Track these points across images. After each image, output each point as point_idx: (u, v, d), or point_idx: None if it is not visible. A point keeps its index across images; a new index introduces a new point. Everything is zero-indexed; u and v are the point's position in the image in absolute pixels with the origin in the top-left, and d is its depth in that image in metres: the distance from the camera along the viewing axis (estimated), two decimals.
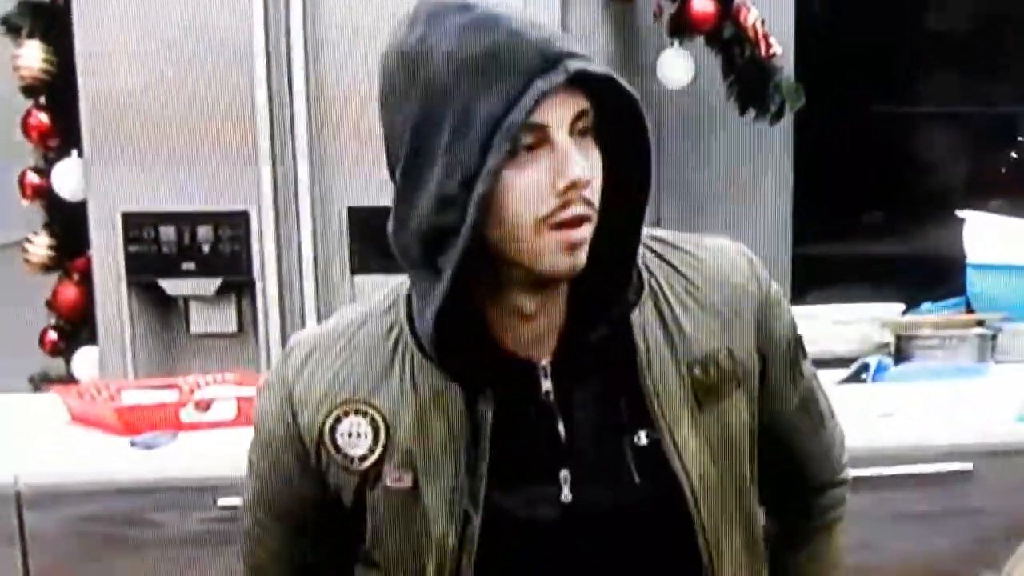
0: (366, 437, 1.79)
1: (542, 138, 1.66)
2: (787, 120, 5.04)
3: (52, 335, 4.72)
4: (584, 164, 1.67)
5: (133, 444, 3.11)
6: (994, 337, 3.83)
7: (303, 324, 4.07)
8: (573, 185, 1.66)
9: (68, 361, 4.66)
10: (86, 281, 4.44)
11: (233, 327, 4.21)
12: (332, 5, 4.03)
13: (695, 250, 1.88)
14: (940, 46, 6.00)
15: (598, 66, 1.68)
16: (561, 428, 1.80)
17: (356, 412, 1.80)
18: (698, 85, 4.85)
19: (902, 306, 4.07)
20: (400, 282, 1.83)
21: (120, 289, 4.16)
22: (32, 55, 4.51)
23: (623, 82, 1.70)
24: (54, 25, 4.44)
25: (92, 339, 4.40)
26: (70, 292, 4.64)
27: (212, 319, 4.21)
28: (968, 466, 3.11)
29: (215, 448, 3.05)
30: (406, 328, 1.79)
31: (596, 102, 1.70)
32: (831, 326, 3.87)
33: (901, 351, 3.81)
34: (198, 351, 4.19)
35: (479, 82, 1.63)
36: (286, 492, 1.88)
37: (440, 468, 1.78)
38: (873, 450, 3.02)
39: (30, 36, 4.53)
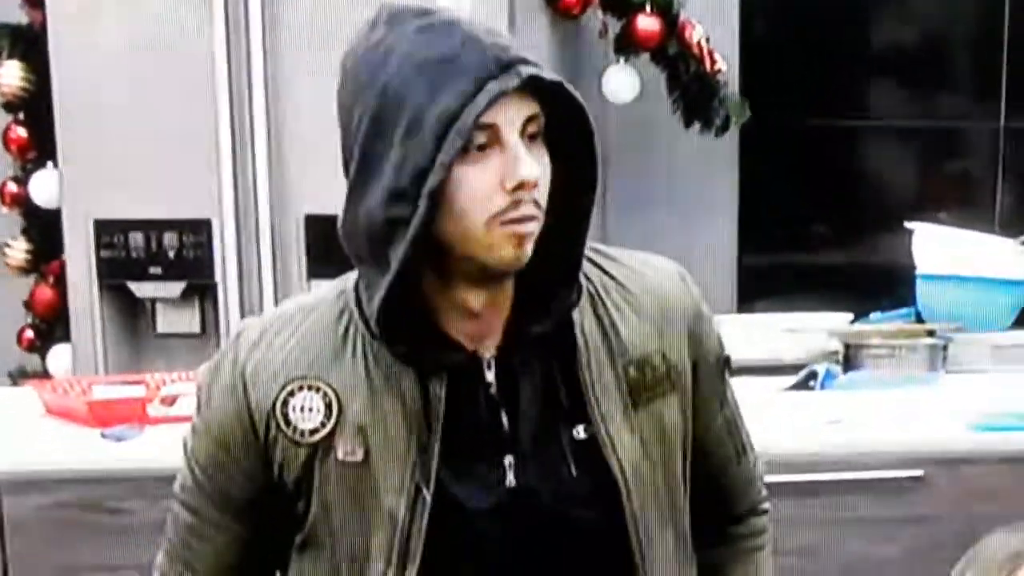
0: (318, 411, 1.79)
1: (493, 138, 1.70)
2: (732, 134, 5.06)
3: (29, 333, 4.83)
4: (534, 165, 1.71)
5: (103, 436, 3.17)
6: (945, 347, 3.86)
7: None
8: (522, 185, 1.70)
9: (43, 358, 4.76)
10: (60, 283, 4.52)
11: (197, 328, 4.25)
12: (290, 20, 4.09)
13: (631, 263, 1.93)
14: (884, 60, 5.93)
15: (549, 73, 1.72)
16: (504, 418, 1.82)
17: (309, 388, 1.80)
18: (644, 100, 4.86)
19: (851, 315, 4.12)
20: (346, 275, 1.87)
21: (92, 291, 4.22)
22: (11, 74, 4.64)
23: (572, 89, 1.74)
24: (32, 46, 4.55)
25: (66, 337, 4.46)
26: (46, 293, 4.75)
27: (177, 320, 4.25)
28: (919, 472, 3.11)
29: (180, 441, 2.95)
30: (355, 314, 1.81)
31: (546, 109, 1.74)
32: (780, 334, 3.94)
33: (850, 360, 3.83)
34: (164, 350, 4.23)
35: (434, 83, 1.67)
36: (227, 471, 1.86)
37: (392, 443, 1.79)
38: (821, 456, 3.09)
39: (10, 57, 4.65)
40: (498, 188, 1.71)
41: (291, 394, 1.81)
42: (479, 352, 1.83)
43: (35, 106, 4.60)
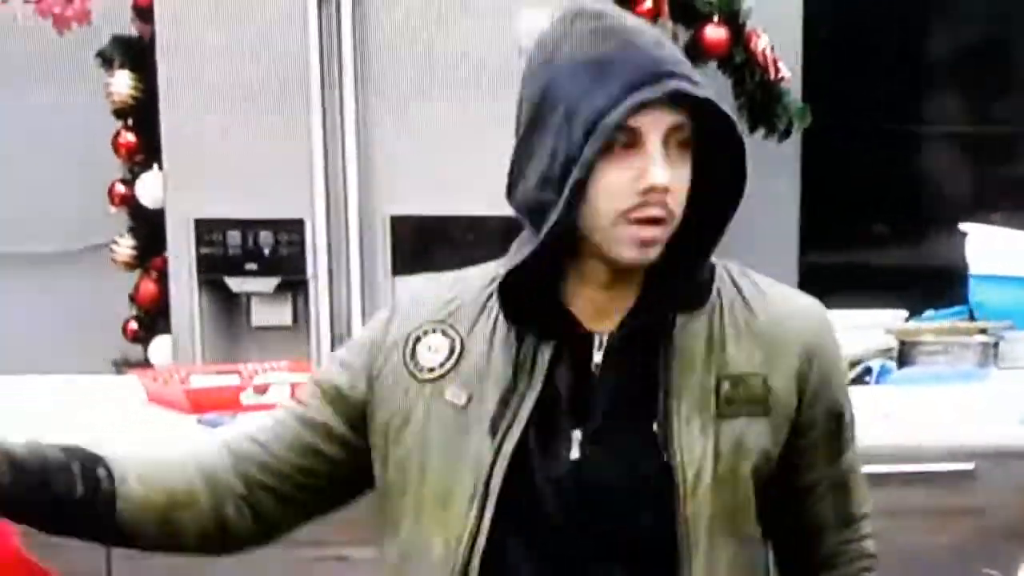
0: (441, 352, 1.85)
1: (636, 141, 1.74)
2: (795, 138, 5.03)
3: (133, 325, 4.86)
4: (667, 173, 1.73)
5: (200, 422, 3.15)
6: (996, 344, 3.77)
7: (350, 319, 4.18)
8: (652, 188, 1.73)
9: (146, 348, 4.79)
10: (163, 278, 4.57)
11: (288, 321, 4.30)
12: (381, 24, 4.13)
13: (771, 292, 1.90)
14: (941, 66, 5.91)
15: (700, 89, 1.75)
16: (587, 395, 1.83)
17: (441, 332, 1.86)
18: None
19: (906, 313, 4.03)
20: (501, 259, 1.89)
21: (192, 286, 4.28)
22: (122, 83, 4.70)
23: (719, 103, 1.77)
24: (141, 57, 4.62)
25: (167, 329, 4.51)
26: (149, 288, 4.78)
27: (270, 313, 4.30)
28: (970, 466, 3.05)
29: None
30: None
31: (697, 120, 1.76)
32: (837, 331, 3.83)
33: (905, 356, 3.75)
34: (258, 342, 4.28)
35: (589, 83, 1.72)
36: (351, 370, 1.90)
37: (491, 394, 1.82)
38: (875, 448, 2.77)
39: (120, 67, 4.71)
40: (630, 187, 1.75)
41: (425, 333, 1.87)
42: (594, 331, 1.85)
43: (142, 113, 4.65)
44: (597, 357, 1.84)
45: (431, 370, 1.86)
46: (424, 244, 4.11)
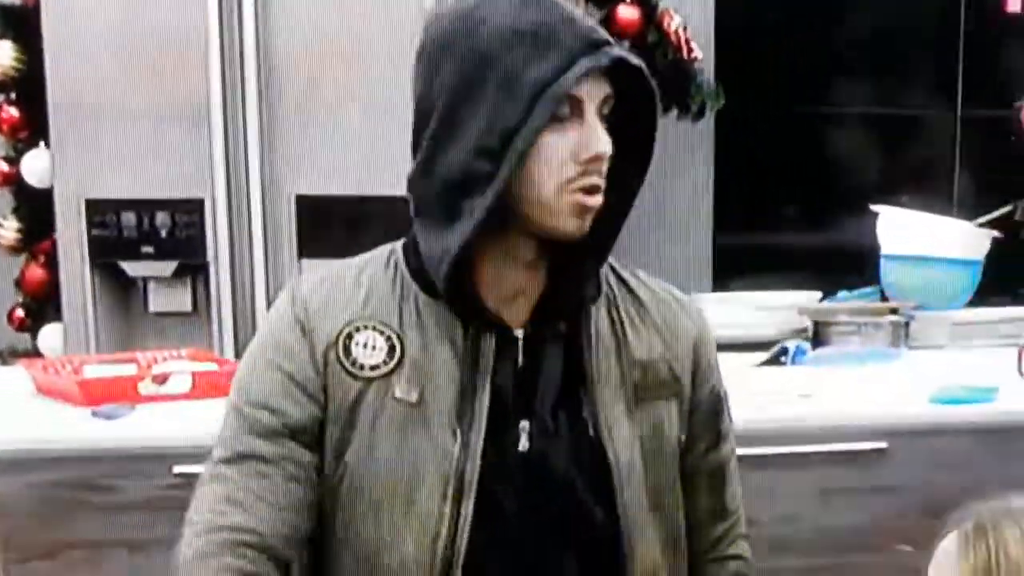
0: (381, 350, 1.83)
1: (575, 111, 1.75)
2: (708, 119, 5.09)
3: (19, 312, 4.68)
4: (608, 141, 1.76)
5: (94, 414, 3.08)
6: (907, 324, 3.89)
7: (254, 304, 4.08)
8: (597, 158, 1.75)
9: (34, 337, 4.62)
10: (52, 263, 4.39)
11: (188, 307, 4.18)
12: (282, 4, 4.02)
13: (649, 282, 1.98)
14: (851, 50, 6.02)
15: (633, 57, 1.78)
16: (523, 383, 1.86)
17: (373, 328, 1.83)
18: None
19: (819, 294, 4.14)
20: (391, 243, 1.90)
21: (84, 270, 4.13)
22: (3, 54, 4.48)
23: (649, 77, 1.79)
24: (24, 26, 4.42)
25: (57, 317, 4.36)
26: (37, 273, 4.60)
27: (169, 299, 4.17)
28: (883, 444, 3.11)
29: (171, 419, 3.05)
30: (406, 273, 1.85)
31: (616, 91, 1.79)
32: (753, 312, 3.95)
33: (819, 336, 3.85)
34: (156, 329, 4.17)
35: (530, 52, 1.71)
36: (293, 395, 1.84)
37: (444, 386, 1.82)
38: (792, 428, 3.08)
39: (2, 37, 4.51)
40: (571, 158, 1.75)
41: (356, 330, 1.84)
42: (508, 324, 1.86)
43: (27, 86, 4.46)
44: (517, 348, 1.86)
45: (373, 367, 1.83)
46: (331, 224, 4.03)
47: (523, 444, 1.84)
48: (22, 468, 2.94)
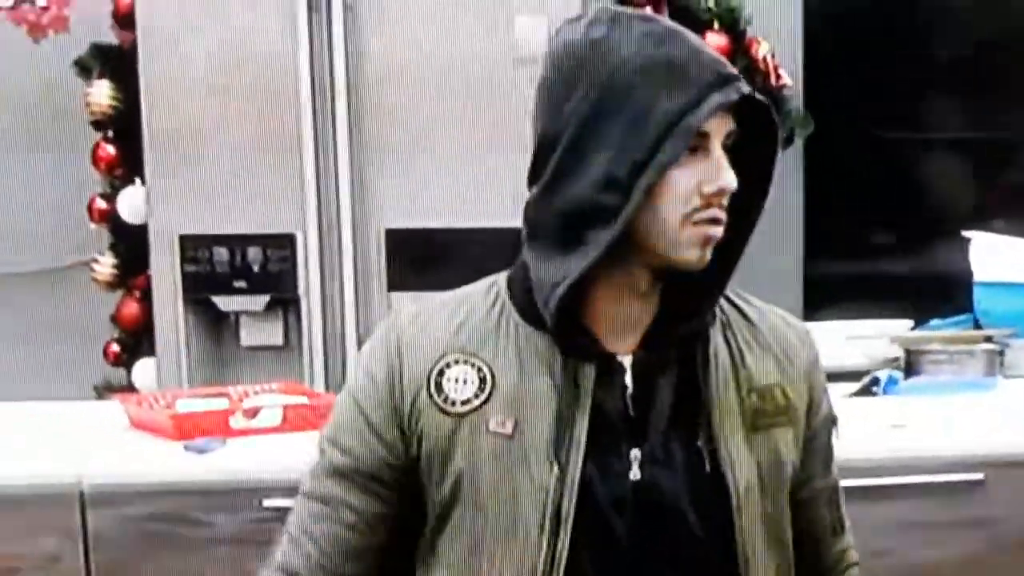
0: (472, 383, 1.80)
1: (702, 145, 1.74)
2: (797, 146, 5.03)
3: (115, 347, 4.71)
4: (733, 176, 1.74)
5: (186, 448, 3.08)
6: (1002, 352, 3.80)
7: (344, 337, 4.09)
8: (721, 191, 1.74)
9: (129, 371, 4.64)
10: (146, 298, 4.44)
11: (280, 340, 4.20)
12: (375, 40, 4.04)
13: (759, 304, 1.95)
14: (943, 74, 5.90)
15: (759, 96, 1.78)
16: (635, 414, 1.82)
17: (464, 362, 1.81)
18: None
19: (911, 322, 4.06)
20: (494, 275, 1.88)
21: (177, 305, 4.16)
22: (101, 93, 4.55)
23: (774, 113, 1.79)
24: (121, 66, 4.48)
25: (151, 351, 4.39)
26: (132, 308, 4.63)
27: (260, 333, 4.20)
28: (979, 476, 3.05)
29: (262, 453, 3.05)
30: (508, 303, 1.83)
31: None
32: (843, 341, 3.84)
33: (911, 365, 3.78)
34: (247, 362, 4.19)
35: (662, 85, 1.71)
36: (368, 444, 1.84)
37: (540, 418, 1.79)
38: (884, 460, 3.04)
39: (100, 76, 4.57)
40: (696, 191, 1.74)
41: (447, 366, 1.81)
42: (617, 353, 1.83)
43: (123, 124, 4.52)
44: (627, 377, 1.83)
45: (464, 403, 1.81)
46: (420, 258, 4.04)
47: (634, 473, 1.81)
48: (115, 502, 2.94)
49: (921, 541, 3.06)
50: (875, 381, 3.65)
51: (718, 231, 1.76)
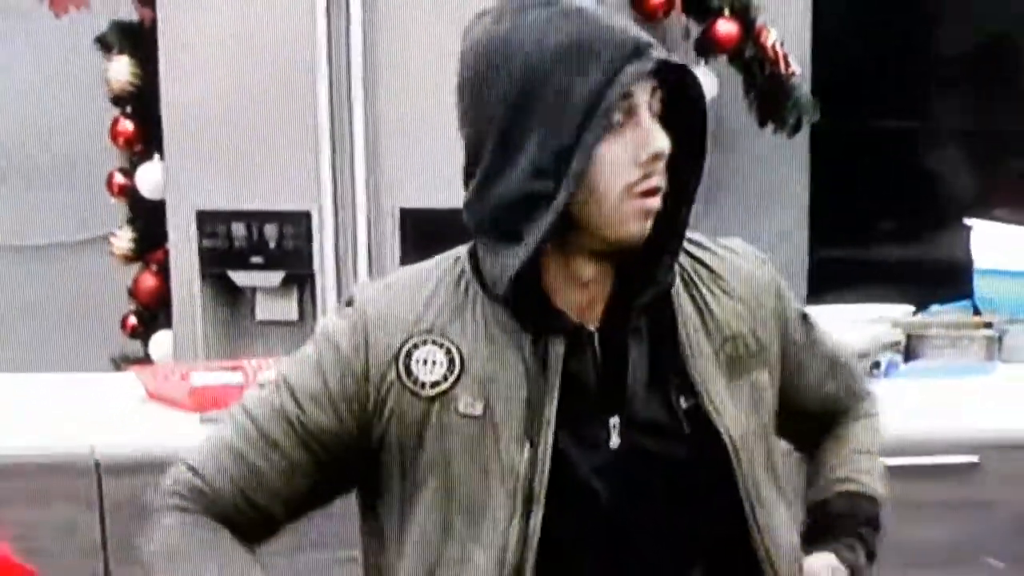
0: (440, 365, 1.76)
1: (629, 115, 1.71)
2: (804, 133, 5.00)
3: (132, 320, 4.71)
4: (666, 139, 1.72)
5: (202, 420, 3.04)
6: (1000, 338, 3.76)
7: None
8: (656, 157, 1.72)
9: (146, 344, 4.64)
10: (164, 272, 4.43)
11: (294, 315, 4.16)
12: (390, 15, 4.01)
13: (717, 249, 1.92)
14: (948, 65, 5.89)
15: (674, 58, 1.75)
16: (609, 383, 1.80)
17: (432, 343, 1.77)
18: (721, 100, 4.76)
19: (912, 308, 4.00)
20: (457, 247, 1.85)
21: (194, 279, 4.14)
22: (121, 69, 4.54)
23: (693, 72, 1.77)
24: (141, 43, 4.46)
25: (168, 324, 4.38)
26: (149, 281, 4.64)
27: (276, 308, 4.16)
28: (975, 458, 3.03)
29: None
30: (473, 279, 1.79)
31: (663, 90, 1.76)
32: (846, 325, 3.71)
33: (911, 350, 3.74)
34: (262, 337, 4.15)
35: (574, 66, 1.68)
36: (322, 408, 1.78)
37: (511, 398, 1.76)
38: (885, 442, 2.98)
39: (120, 52, 4.56)
40: (631, 162, 1.72)
41: (415, 347, 1.77)
42: (584, 324, 1.81)
43: (142, 100, 4.51)
44: (595, 345, 1.81)
45: (434, 384, 1.77)
46: (434, 237, 3.90)
47: (614, 441, 1.79)
48: (131, 472, 2.87)
49: (918, 521, 2.99)
50: (876, 365, 3.60)
51: (656, 202, 1.74)
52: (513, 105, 1.70)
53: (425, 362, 1.76)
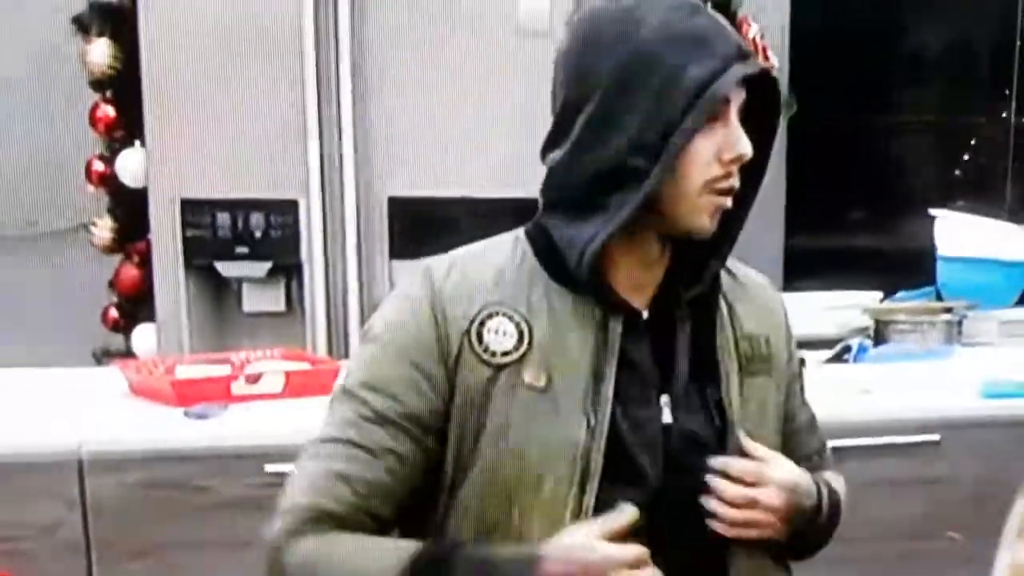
0: (511, 336, 1.78)
1: (723, 114, 1.74)
2: (780, 126, 4.93)
3: (113, 313, 4.47)
4: (749, 144, 1.75)
5: (186, 414, 2.95)
6: (960, 323, 3.88)
7: (346, 304, 3.95)
8: (739, 158, 1.75)
9: (128, 337, 4.42)
10: (146, 263, 4.21)
11: (282, 307, 4.04)
12: (378, 6, 3.87)
13: (740, 265, 1.97)
14: (914, 61, 6.05)
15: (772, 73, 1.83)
16: (659, 363, 1.83)
17: (503, 314, 1.79)
18: None
19: (880, 294, 4.10)
20: (514, 230, 1.87)
21: (178, 271, 3.98)
22: (100, 52, 4.27)
23: (781, 87, 1.84)
24: (121, 24, 4.22)
25: (150, 317, 4.18)
26: (131, 273, 4.38)
27: (262, 299, 4.03)
28: (936, 437, 3.09)
29: (263, 418, 2.94)
30: (534, 259, 1.82)
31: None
32: (819, 311, 3.87)
33: (879, 334, 3.84)
34: (249, 329, 4.03)
35: (689, 54, 1.71)
36: (418, 387, 1.77)
37: (572, 372, 1.78)
38: (852, 423, 3.04)
39: (99, 35, 4.30)
40: (715, 159, 1.75)
41: (489, 316, 1.79)
42: (637, 306, 1.85)
43: (123, 85, 4.26)
44: (645, 327, 1.85)
45: (504, 354, 1.78)
46: (422, 227, 3.90)
47: (666, 417, 1.82)
48: (115, 468, 2.80)
49: (883, 497, 3.07)
50: (847, 349, 3.71)
51: (728, 201, 1.78)
52: (620, 79, 1.72)
53: (496, 332, 1.78)
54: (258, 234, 3.94)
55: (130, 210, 4.30)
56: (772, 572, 1.93)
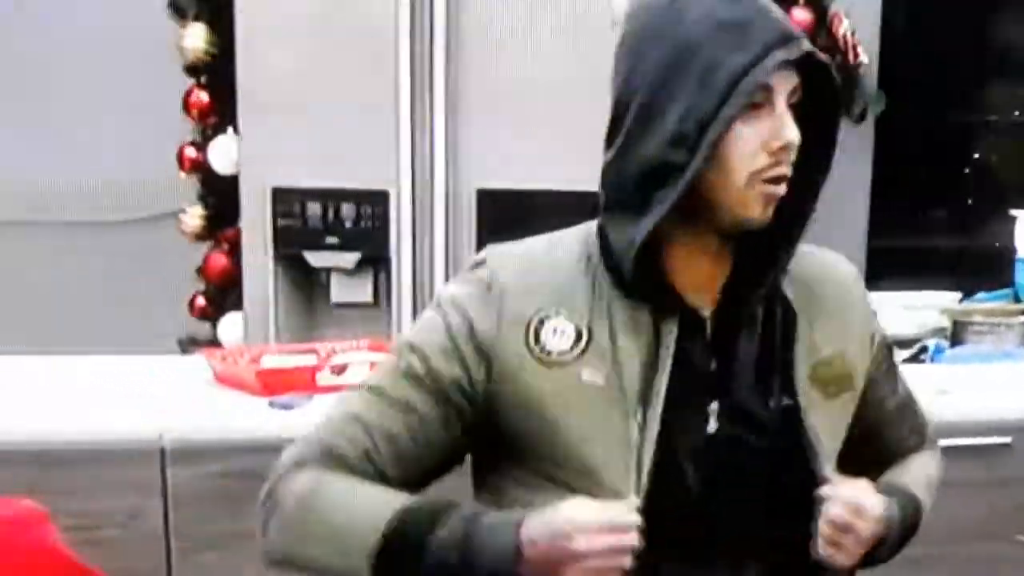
0: (568, 336, 1.74)
1: (767, 101, 1.68)
2: (868, 123, 4.99)
3: (201, 301, 4.44)
4: (796, 130, 1.69)
5: (271, 405, 2.87)
6: None
7: (432, 297, 3.82)
8: (785, 147, 1.68)
9: (214, 325, 4.38)
10: (235, 251, 4.15)
11: (369, 298, 3.96)
12: (474, 1, 3.82)
13: (818, 256, 1.90)
14: (1010, 59, 5.88)
15: (820, 54, 1.72)
16: (715, 367, 1.77)
17: (562, 315, 1.75)
18: None
19: (959, 295, 4.08)
20: (588, 223, 1.82)
21: (267, 260, 3.91)
22: (196, 36, 4.24)
23: (834, 71, 1.73)
24: (217, 10, 4.15)
25: (238, 306, 4.11)
26: (220, 261, 4.35)
27: (350, 290, 3.96)
28: (1007, 440, 3.04)
29: None
30: (597, 258, 1.78)
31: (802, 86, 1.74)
32: (898, 311, 3.82)
33: (956, 335, 3.83)
34: (336, 319, 3.97)
35: (730, 42, 1.66)
36: (453, 363, 1.74)
37: (627, 372, 1.74)
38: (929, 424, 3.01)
39: (195, 19, 4.26)
40: (762, 147, 1.69)
41: (547, 316, 1.75)
42: (698, 307, 1.79)
43: (218, 71, 4.21)
44: (707, 329, 1.79)
45: (561, 353, 1.74)
46: (511, 219, 3.81)
47: (712, 425, 1.76)
48: (198, 458, 2.74)
49: (953, 499, 2.94)
50: (924, 349, 3.70)
51: (781, 189, 1.71)
52: (665, 71, 1.67)
53: (555, 332, 1.75)
54: (348, 224, 3.88)
55: (220, 197, 4.27)
56: None
